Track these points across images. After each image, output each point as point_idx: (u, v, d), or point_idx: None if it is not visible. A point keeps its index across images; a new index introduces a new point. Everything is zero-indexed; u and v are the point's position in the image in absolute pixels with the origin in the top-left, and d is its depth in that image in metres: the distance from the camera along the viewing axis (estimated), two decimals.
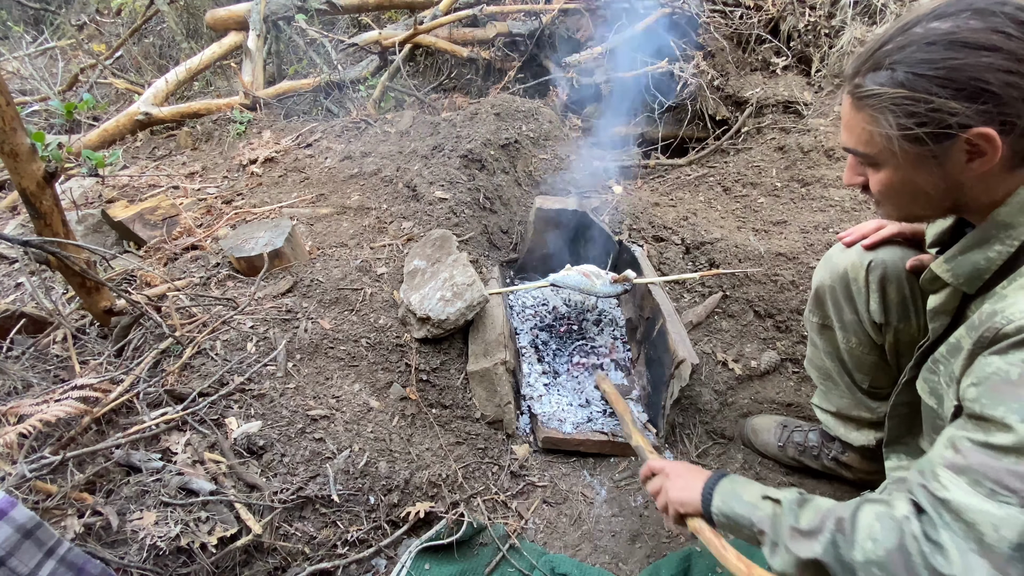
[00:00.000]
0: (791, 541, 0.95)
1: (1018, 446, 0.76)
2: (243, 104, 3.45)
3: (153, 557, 1.17)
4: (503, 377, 1.75)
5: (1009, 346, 0.80)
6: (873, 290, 1.34)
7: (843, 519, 0.90)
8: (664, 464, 1.30)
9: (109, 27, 5.54)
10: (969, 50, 0.81)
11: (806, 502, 0.99)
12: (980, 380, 0.83)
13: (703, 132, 3.45)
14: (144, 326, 1.65)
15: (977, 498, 0.78)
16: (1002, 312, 0.82)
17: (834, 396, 1.60)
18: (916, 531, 0.82)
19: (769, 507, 1.02)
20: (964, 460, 0.81)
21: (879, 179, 0.96)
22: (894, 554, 0.83)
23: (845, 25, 3.28)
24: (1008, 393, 0.78)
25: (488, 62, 3.64)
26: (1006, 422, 0.77)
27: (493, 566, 1.49)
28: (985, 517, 0.76)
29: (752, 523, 1.04)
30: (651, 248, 2.33)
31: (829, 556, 0.89)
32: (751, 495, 1.07)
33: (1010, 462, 0.76)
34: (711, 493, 1.13)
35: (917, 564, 0.81)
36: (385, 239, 2.18)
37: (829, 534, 0.90)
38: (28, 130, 1.33)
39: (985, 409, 0.81)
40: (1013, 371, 0.78)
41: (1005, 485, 0.76)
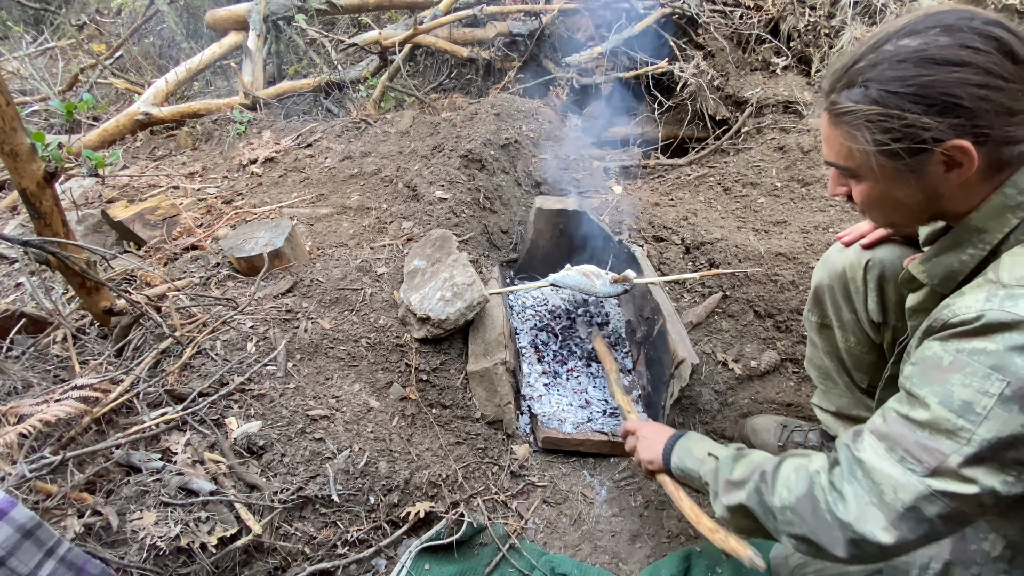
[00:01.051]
0: (724, 491, 1.11)
1: (931, 423, 0.85)
2: (243, 104, 3.45)
3: (153, 557, 1.17)
4: (503, 377, 1.76)
5: (950, 335, 0.87)
6: (871, 289, 1.34)
7: (766, 471, 1.04)
8: (638, 425, 1.47)
9: (109, 27, 5.54)
10: (939, 66, 0.84)
11: (741, 456, 1.14)
12: (917, 361, 0.91)
13: (703, 132, 3.45)
14: (144, 326, 1.65)
15: (887, 462, 0.88)
16: (951, 306, 0.89)
17: (833, 395, 1.60)
18: (824, 482, 0.95)
19: (712, 462, 1.18)
20: (886, 428, 0.91)
21: (860, 191, 1.00)
22: (803, 500, 0.96)
23: (845, 25, 3.28)
24: (936, 376, 0.86)
25: (488, 62, 3.64)
26: (926, 401, 0.86)
27: (493, 566, 1.49)
28: (889, 480, 0.87)
29: (700, 475, 1.21)
30: (651, 248, 2.33)
31: (753, 501, 1.04)
32: (700, 451, 1.24)
33: (923, 436, 0.85)
34: (670, 452, 1.30)
35: (822, 509, 0.93)
36: (385, 239, 2.18)
37: (753, 484, 1.05)
38: (28, 130, 1.33)
39: (914, 387, 0.89)
40: (946, 358, 0.86)
41: (913, 455, 0.86)
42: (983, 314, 0.82)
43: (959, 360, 0.84)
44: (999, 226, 0.90)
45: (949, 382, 0.84)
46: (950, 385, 0.83)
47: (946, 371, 0.84)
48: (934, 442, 0.84)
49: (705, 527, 1.27)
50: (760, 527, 1.06)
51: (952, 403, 0.83)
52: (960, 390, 0.82)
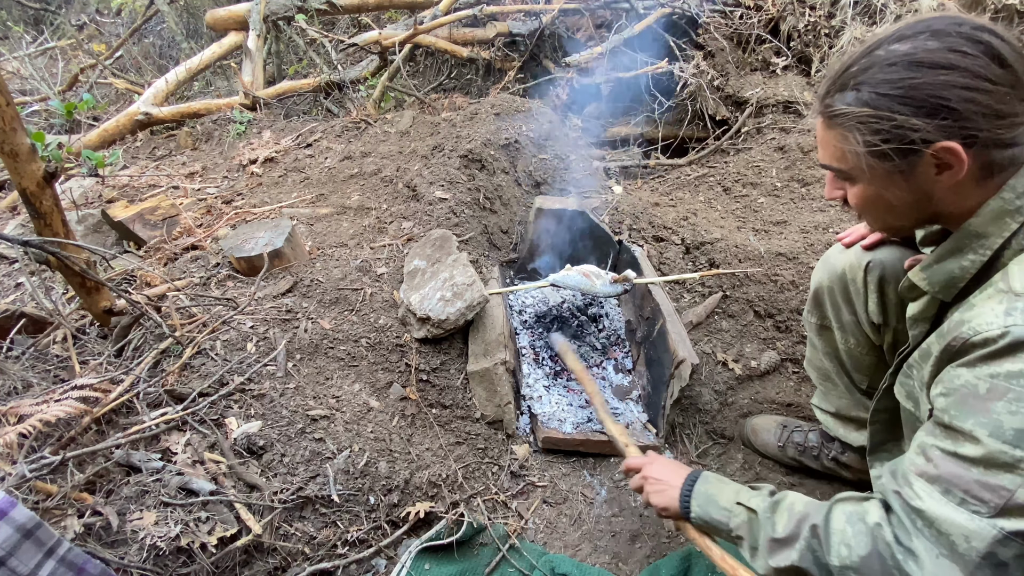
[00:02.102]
0: (769, 551, 1.01)
1: (986, 458, 0.80)
2: (243, 104, 3.45)
3: (153, 557, 1.17)
4: (503, 377, 1.76)
5: (977, 359, 0.84)
6: (871, 291, 1.34)
7: (817, 526, 0.96)
8: (642, 462, 1.33)
9: (109, 27, 5.54)
10: (927, 69, 0.85)
11: (778, 506, 1.04)
12: (949, 391, 0.87)
13: (703, 132, 3.46)
14: (144, 326, 1.65)
15: (949, 507, 0.82)
16: (969, 322, 0.86)
17: (833, 396, 1.60)
18: (888, 538, 0.88)
19: (744, 514, 1.07)
20: (936, 470, 0.85)
21: (855, 193, 1.01)
22: (869, 559, 0.89)
23: (845, 25, 3.28)
24: (977, 407, 0.82)
25: (488, 62, 3.64)
26: (975, 435, 0.81)
27: (493, 566, 1.49)
28: (957, 528, 0.81)
29: (730, 529, 1.09)
30: (651, 248, 2.33)
31: (807, 562, 0.95)
32: (726, 500, 1.12)
33: (978, 473, 0.81)
34: (688, 500, 1.17)
35: (891, 566, 0.87)
36: (385, 239, 2.18)
37: (804, 542, 0.96)
38: (28, 130, 1.33)
39: (955, 420, 0.84)
40: (981, 385, 0.82)
41: (974, 495, 0.81)
42: (1008, 330, 0.80)
43: (997, 386, 0.80)
44: (999, 231, 0.90)
45: (994, 411, 0.80)
46: (996, 415, 0.79)
47: (986, 400, 0.81)
48: (994, 478, 0.79)
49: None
50: None
51: (1003, 433, 0.78)
52: (1009, 419, 0.78)
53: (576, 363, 1.86)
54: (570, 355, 1.90)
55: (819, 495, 1.71)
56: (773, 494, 1.08)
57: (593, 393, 1.71)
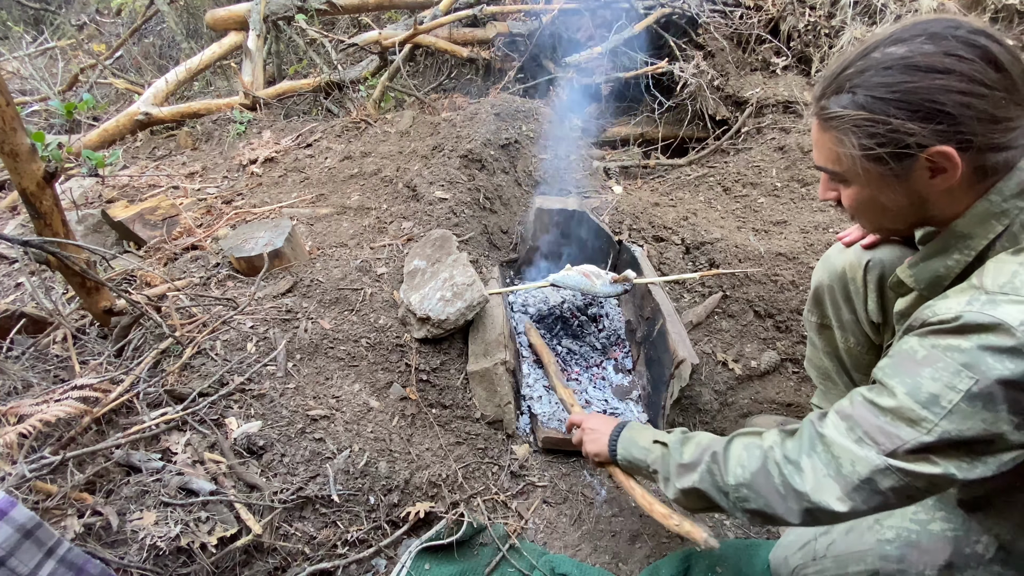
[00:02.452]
0: (676, 475, 1.14)
1: (894, 409, 0.88)
2: (243, 104, 3.45)
3: (153, 557, 1.17)
4: (503, 377, 1.76)
5: (928, 331, 0.89)
6: (871, 290, 1.34)
7: (717, 452, 1.08)
8: (583, 417, 1.49)
9: (109, 27, 5.54)
10: (923, 73, 0.86)
11: (688, 439, 1.17)
12: (894, 354, 0.93)
13: (703, 132, 3.46)
14: (144, 326, 1.65)
15: (847, 439, 0.92)
16: (932, 307, 0.90)
17: (833, 396, 1.60)
18: (778, 456, 0.99)
19: (659, 449, 1.22)
20: (851, 410, 0.94)
21: (849, 195, 1.01)
22: (758, 475, 1.01)
23: (845, 25, 3.28)
24: (907, 368, 0.88)
25: (488, 62, 3.64)
26: (894, 390, 0.89)
27: (493, 566, 1.49)
28: (848, 454, 0.91)
29: (648, 464, 1.24)
30: (651, 248, 2.33)
31: (706, 483, 1.08)
32: (645, 440, 1.27)
33: (884, 421, 0.89)
34: (615, 443, 1.33)
35: (777, 482, 0.98)
36: (385, 239, 2.18)
37: (705, 465, 1.09)
38: (28, 130, 1.33)
39: (884, 376, 0.92)
40: (920, 352, 0.88)
41: (872, 437, 0.90)
42: (961, 315, 0.84)
43: (933, 355, 0.86)
44: (984, 232, 0.91)
45: (920, 375, 0.86)
46: (920, 378, 0.86)
47: (919, 364, 0.87)
48: (894, 428, 0.87)
49: (658, 513, 1.31)
50: (714, 506, 1.10)
51: (919, 395, 0.85)
52: (929, 383, 0.85)
53: (537, 338, 2.07)
54: (532, 331, 2.11)
55: None
56: (685, 432, 1.21)
57: (548, 362, 1.94)
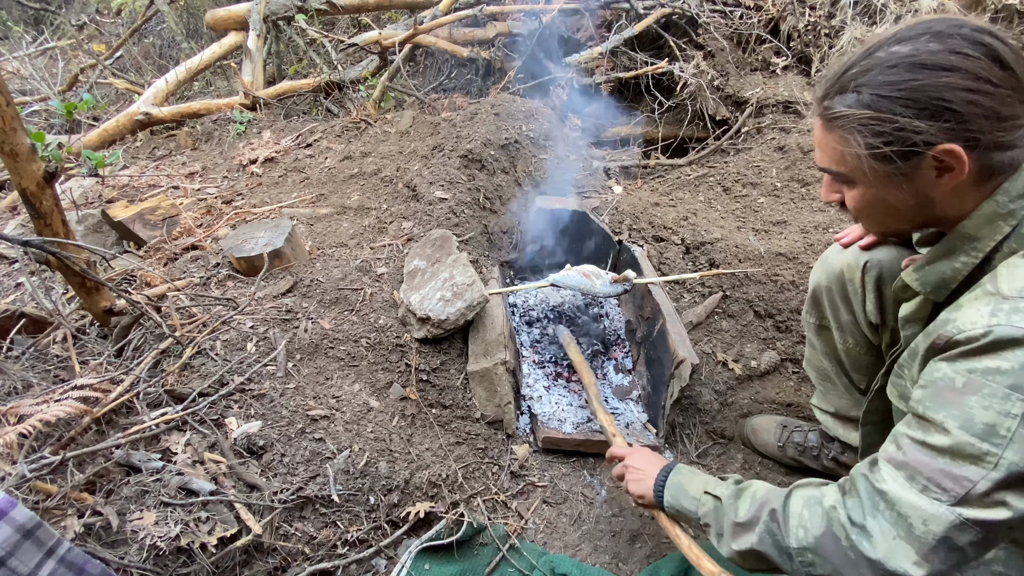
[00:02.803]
0: (732, 534, 1.06)
1: (953, 449, 0.82)
2: (243, 104, 3.45)
3: (153, 557, 1.17)
4: (503, 377, 1.76)
5: (958, 354, 0.85)
6: (869, 291, 1.34)
7: (776, 510, 1.01)
8: (625, 451, 1.43)
9: (109, 27, 5.54)
10: (929, 71, 0.85)
11: (742, 493, 1.09)
12: (927, 383, 0.88)
13: (703, 132, 3.46)
14: (144, 326, 1.65)
15: (912, 492, 0.85)
16: (954, 321, 0.86)
17: (832, 396, 1.60)
18: (843, 518, 0.92)
19: (711, 502, 1.14)
20: (903, 456, 0.88)
21: (853, 196, 1.00)
22: (823, 539, 0.93)
23: (845, 25, 3.28)
24: (951, 399, 0.83)
25: (488, 62, 3.64)
26: (945, 426, 0.83)
27: (493, 566, 1.49)
28: (917, 511, 0.84)
29: (699, 517, 1.16)
30: (651, 248, 2.33)
31: (766, 544, 1.00)
32: (695, 490, 1.19)
33: (944, 462, 0.83)
34: (662, 489, 1.26)
35: (844, 547, 0.90)
36: (385, 239, 2.18)
37: (764, 525, 1.01)
38: (28, 130, 1.33)
39: (928, 411, 0.86)
40: (959, 379, 0.83)
41: (937, 483, 0.83)
42: (991, 330, 0.80)
43: (974, 381, 0.81)
44: (991, 233, 0.90)
45: (967, 405, 0.81)
46: (969, 408, 0.81)
47: (962, 393, 0.82)
48: (959, 469, 0.81)
49: (707, 570, 1.21)
50: (774, 568, 1.02)
51: (973, 427, 0.80)
52: (981, 413, 0.80)
53: (577, 354, 1.95)
54: (572, 346, 1.99)
55: None
56: (739, 482, 1.13)
57: (589, 384, 1.80)
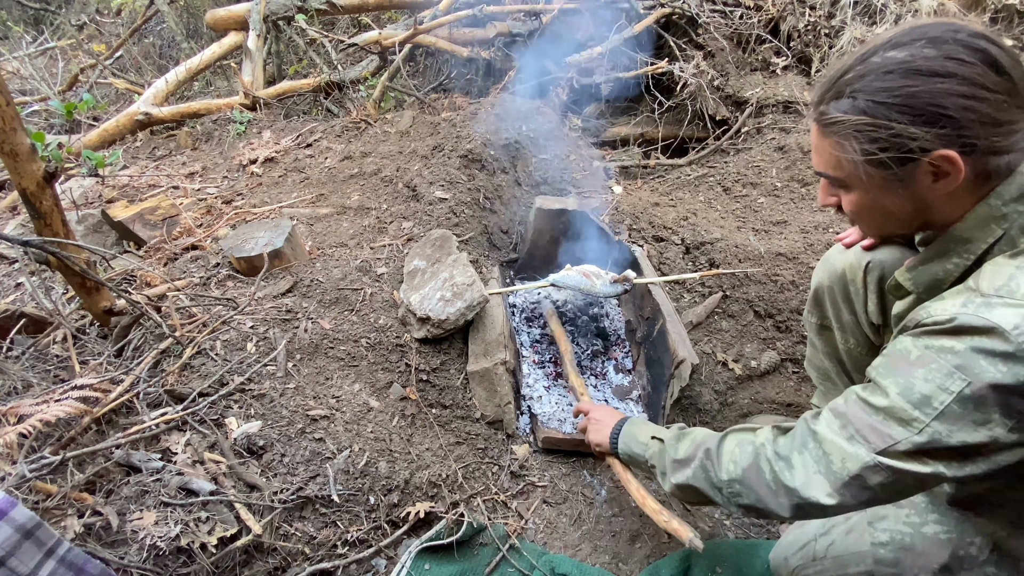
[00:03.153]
0: (671, 470, 1.18)
1: (887, 409, 0.89)
2: (243, 104, 3.45)
3: (153, 557, 1.17)
4: (503, 377, 1.76)
5: (922, 332, 0.89)
6: (871, 291, 1.34)
7: (711, 448, 1.11)
8: (590, 406, 1.56)
9: (109, 27, 5.54)
10: (925, 77, 0.85)
11: (684, 435, 1.21)
12: (888, 353, 0.94)
13: (703, 132, 3.45)
14: (144, 326, 1.65)
15: (840, 437, 0.93)
16: (927, 308, 0.90)
17: (833, 396, 1.58)
18: (770, 453, 1.02)
19: (656, 445, 1.26)
20: (844, 408, 0.96)
21: (850, 200, 1.01)
22: (750, 471, 1.03)
23: (845, 25, 3.28)
24: (901, 368, 0.89)
25: (488, 62, 3.64)
26: (887, 390, 0.90)
27: (493, 566, 1.49)
28: (839, 450, 0.93)
29: (645, 459, 1.28)
30: (651, 248, 2.33)
31: (699, 478, 1.12)
32: (644, 435, 1.32)
33: (876, 420, 0.90)
34: (617, 436, 1.39)
35: (768, 479, 1.00)
36: (385, 239, 2.18)
37: (699, 461, 1.12)
38: (28, 130, 1.33)
39: (878, 376, 0.93)
40: (914, 352, 0.89)
41: (864, 436, 0.91)
42: (956, 316, 0.85)
43: (926, 355, 0.86)
44: (984, 236, 0.91)
45: (912, 375, 0.87)
46: (913, 378, 0.87)
47: (912, 364, 0.88)
48: (886, 427, 0.89)
49: (650, 508, 1.35)
50: (708, 500, 1.13)
51: (911, 395, 0.86)
52: (922, 384, 0.86)
53: (557, 326, 2.12)
54: (554, 318, 2.16)
55: None
56: (683, 428, 1.25)
57: (565, 351, 1.99)
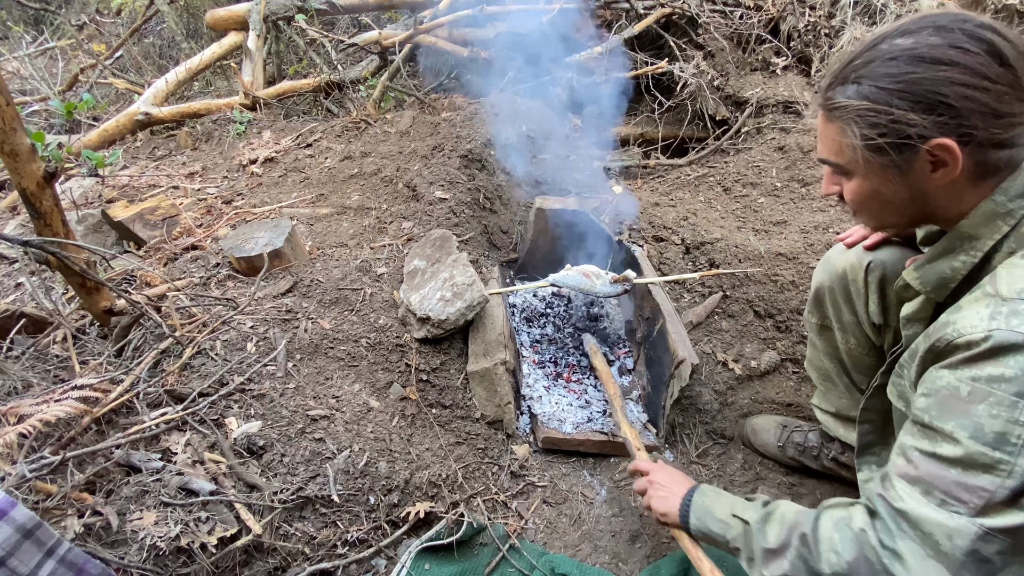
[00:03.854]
0: (763, 560, 1.04)
1: (965, 459, 0.82)
2: (243, 104, 3.45)
3: (153, 557, 1.17)
4: (503, 377, 1.75)
5: (960, 361, 0.84)
6: (872, 291, 1.34)
7: (806, 535, 0.98)
8: (649, 466, 1.41)
9: (109, 27, 5.54)
10: (927, 64, 0.85)
11: (770, 517, 1.07)
12: (931, 392, 0.88)
13: (703, 132, 3.45)
14: (144, 326, 1.65)
15: (930, 508, 0.84)
16: (954, 324, 0.86)
17: (833, 397, 1.60)
18: (873, 542, 0.90)
19: (739, 526, 1.11)
20: (916, 470, 0.87)
21: (850, 188, 1.00)
22: (856, 564, 0.91)
23: (845, 25, 3.28)
24: (958, 408, 0.83)
25: (488, 62, 3.64)
26: (955, 436, 0.83)
27: (493, 566, 1.49)
28: (940, 528, 0.83)
29: (727, 540, 1.13)
30: (651, 248, 2.33)
31: (798, 570, 0.98)
32: (722, 512, 1.16)
33: (957, 473, 0.82)
34: (687, 510, 1.23)
35: (879, 570, 0.88)
36: (385, 239, 2.18)
37: (795, 551, 0.99)
38: (28, 130, 1.33)
39: (934, 420, 0.86)
40: (963, 388, 0.83)
41: (954, 496, 0.82)
42: (990, 334, 0.80)
43: (979, 389, 0.81)
44: (990, 232, 0.91)
45: (975, 414, 0.81)
46: (977, 417, 0.81)
47: (967, 402, 0.82)
48: (973, 479, 0.81)
49: None
50: None
51: (984, 436, 0.80)
52: (990, 421, 0.80)
53: (603, 364, 1.94)
54: (598, 356, 1.99)
55: (819, 495, 1.71)
56: (767, 504, 1.11)
57: (614, 396, 1.79)
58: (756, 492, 1.71)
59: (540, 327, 2.26)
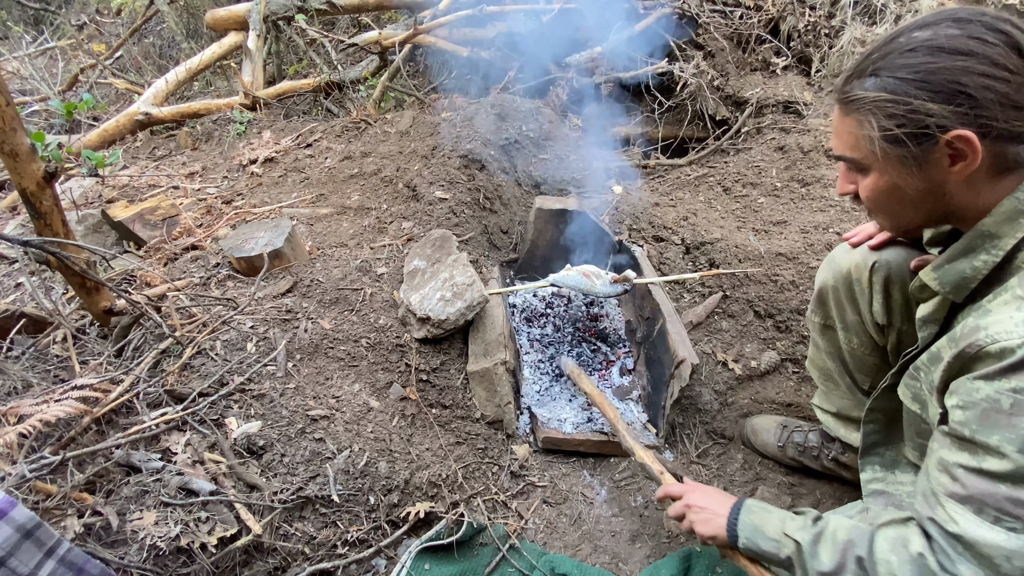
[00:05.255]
0: None
1: (1014, 473, 0.80)
2: (243, 104, 3.45)
3: (153, 557, 1.17)
4: (503, 377, 1.75)
5: (996, 372, 0.82)
6: (876, 291, 1.34)
7: (862, 558, 0.95)
8: (681, 489, 1.33)
9: (109, 27, 5.54)
10: (946, 54, 0.84)
11: (821, 536, 1.02)
12: (968, 404, 0.86)
13: (703, 132, 3.45)
14: (144, 326, 1.65)
15: (984, 528, 0.82)
16: (985, 329, 0.84)
17: (835, 397, 1.60)
18: (934, 567, 0.87)
19: (791, 545, 1.07)
20: (964, 489, 0.85)
21: (867, 185, 0.99)
22: None
23: (845, 25, 3.28)
24: (1001, 422, 0.81)
25: (488, 62, 3.64)
26: (1001, 450, 0.81)
27: (493, 566, 1.49)
28: (998, 550, 0.81)
29: (780, 560, 1.09)
30: (651, 248, 2.33)
31: None
32: (773, 531, 1.12)
33: (1007, 489, 0.81)
34: (735, 530, 1.17)
35: None
36: (385, 239, 2.18)
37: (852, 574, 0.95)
38: (28, 130, 1.33)
39: (977, 435, 0.84)
40: (1004, 400, 0.81)
41: (1008, 512, 0.81)
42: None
43: (1021, 401, 0.80)
44: (1012, 231, 0.89)
45: (1020, 427, 0.79)
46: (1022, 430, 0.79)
47: (1011, 415, 0.80)
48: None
49: None
50: None
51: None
52: None
53: (590, 386, 1.82)
54: (583, 378, 1.87)
55: (819, 495, 1.71)
56: (817, 521, 1.08)
57: (615, 420, 1.67)
58: (756, 492, 1.71)
59: (540, 327, 2.26)
